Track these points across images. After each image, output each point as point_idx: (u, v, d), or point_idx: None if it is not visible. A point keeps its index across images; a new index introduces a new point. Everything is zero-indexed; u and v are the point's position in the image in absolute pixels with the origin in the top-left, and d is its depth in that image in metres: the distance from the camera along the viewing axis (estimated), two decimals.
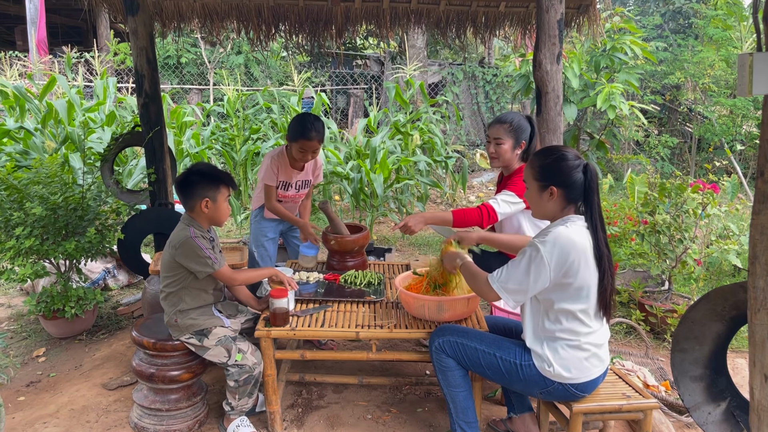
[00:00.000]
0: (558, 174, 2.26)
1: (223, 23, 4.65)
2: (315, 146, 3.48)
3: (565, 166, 2.24)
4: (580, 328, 2.25)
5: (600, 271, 2.22)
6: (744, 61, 1.97)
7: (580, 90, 5.52)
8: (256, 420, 2.91)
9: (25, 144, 5.97)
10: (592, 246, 2.21)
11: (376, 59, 14.64)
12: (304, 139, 3.43)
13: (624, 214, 5.01)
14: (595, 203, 2.25)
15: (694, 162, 10.02)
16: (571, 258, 2.16)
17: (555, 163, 2.26)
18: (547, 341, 2.29)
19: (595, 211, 2.25)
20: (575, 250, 2.16)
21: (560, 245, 2.16)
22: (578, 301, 2.22)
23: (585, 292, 2.21)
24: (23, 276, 3.59)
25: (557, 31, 3.35)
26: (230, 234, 6.68)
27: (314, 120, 3.45)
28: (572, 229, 2.20)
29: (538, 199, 2.33)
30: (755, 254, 2.04)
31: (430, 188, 8.30)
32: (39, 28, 9.66)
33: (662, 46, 10.10)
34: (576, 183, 2.24)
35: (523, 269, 2.22)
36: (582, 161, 2.27)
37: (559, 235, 2.18)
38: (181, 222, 2.79)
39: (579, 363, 2.26)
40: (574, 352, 2.26)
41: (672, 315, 3.88)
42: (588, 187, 2.24)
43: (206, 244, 2.72)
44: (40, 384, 3.36)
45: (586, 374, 2.28)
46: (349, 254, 3.47)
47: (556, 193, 2.26)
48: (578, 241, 2.18)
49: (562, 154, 2.28)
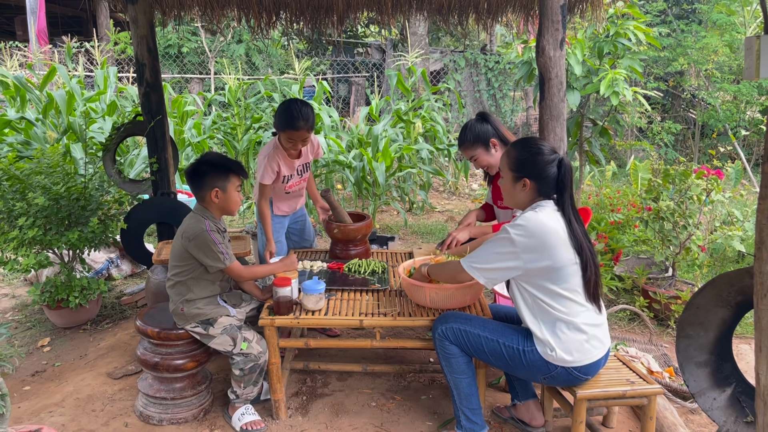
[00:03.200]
0: (533, 167, 2.32)
1: (224, 11, 4.61)
2: (304, 135, 3.25)
3: (541, 160, 2.31)
4: (573, 308, 2.28)
5: (582, 262, 2.26)
6: (751, 44, 1.95)
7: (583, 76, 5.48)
8: (260, 408, 2.92)
9: (26, 134, 5.95)
10: (565, 228, 2.25)
11: (378, 47, 14.57)
12: (291, 130, 3.21)
13: (627, 201, 5.00)
14: (567, 196, 2.30)
15: (698, 148, 9.98)
16: (544, 240, 2.21)
17: (531, 156, 2.33)
18: (545, 324, 2.31)
19: (567, 204, 2.30)
20: (545, 232, 2.21)
21: (529, 228, 2.22)
22: (563, 281, 2.26)
23: (567, 270, 2.25)
24: (27, 266, 3.60)
25: (560, 16, 3.31)
26: (232, 223, 6.68)
27: (301, 106, 3.21)
28: (541, 214, 2.26)
29: (512, 188, 2.40)
30: (761, 239, 2.03)
31: (433, 176, 8.28)
32: (39, 18, 9.63)
33: (665, 32, 10.01)
34: (549, 177, 2.30)
35: (491, 251, 2.31)
36: (557, 156, 2.32)
37: (528, 219, 2.25)
38: (194, 213, 2.78)
39: (580, 345, 2.28)
40: (573, 334, 2.27)
41: (676, 301, 3.88)
42: (560, 182, 2.30)
43: (219, 239, 2.72)
44: (45, 374, 3.37)
45: (588, 357, 2.30)
46: (352, 243, 3.46)
47: (528, 184, 2.33)
48: (548, 223, 2.23)
49: (539, 148, 2.33)
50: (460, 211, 7.60)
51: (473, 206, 7.62)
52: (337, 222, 3.45)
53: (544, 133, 3.52)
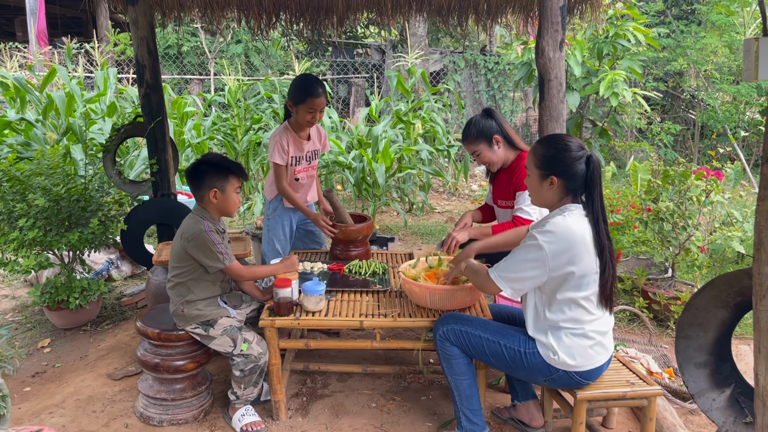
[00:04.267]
0: (560, 164, 2.25)
1: (224, 12, 4.61)
2: (323, 103, 3.37)
3: (568, 156, 2.23)
4: (584, 316, 2.25)
5: (601, 262, 2.22)
6: (750, 46, 1.95)
7: (582, 77, 5.49)
8: (261, 409, 2.92)
9: (26, 135, 5.96)
10: (591, 234, 2.20)
11: (377, 48, 14.57)
12: (312, 97, 3.31)
13: (627, 202, 5.00)
14: (597, 194, 2.24)
15: (697, 149, 9.98)
16: (571, 247, 2.16)
17: (558, 153, 2.26)
18: (551, 330, 2.29)
19: (597, 203, 2.24)
20: (574, 239, 2.16)
21: (558, 235, 2.17)
22: (581, 289, 2.22)
23: (587, 279, 2.21)
24: (27, 267, 3.60)
25: (560, 17, 3.32)
26: (232, 224, 6.69)
27: (314, 79, 3.37)
28: (570, 219, 2.21)
29: (538, 187, 2.33)
30: (761, 240, 2.03)
31: (432, 177, 8.29)
32: (38, 18, 9.63)
33: (665, 33, 10.02)
34: (577, 174, 2.23)
35: (521, 258, 2.24)
36: (585, 152, 2.25)
37: (556, 225, 2.19)
38: (193, 213, 2.78)
39: (584, 351, 2.27)
40: (578, 339, 2.26)
41: (675, 302, 3.88)
42: (589, 179, 2.23)
43: (218, 239, 2.72)
44: (46, 374, 3.37)
45: (590, 362, 2.29)
46: (353, 244, 3.46)
47: (556, 182, 2.26)
48: (577, 230, 2.18)
49: (566, 144, 2.27)
50: (460, 211, 7.61)
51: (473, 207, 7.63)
52: (338, 222, 3.46)
53: (544, 134, 3.53)
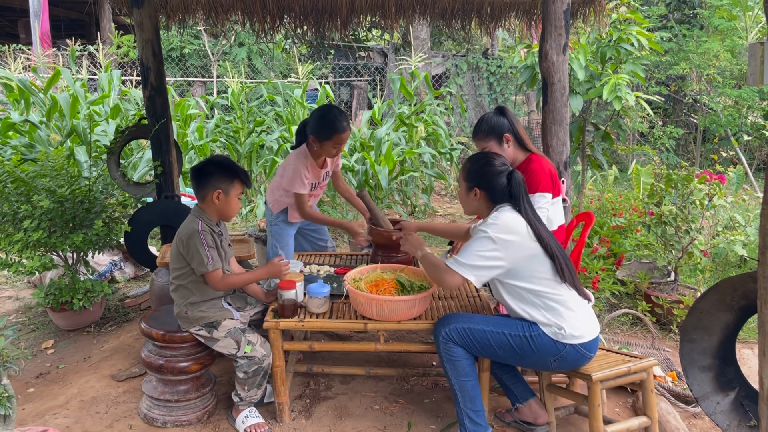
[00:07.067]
0: (481, 177, 2.52)
1: (228, 15, 4.63)
2: (348, 136, 3.42)
3: (489, 171, 2.51)
4: (559, 288, 2.42)
5: (548, 254, 2.40)
6: (755, 50, 1.96)
7: (585, 81, 5.48)
8: (264, 411, 2.92)
9: (30, 137, 5.97)
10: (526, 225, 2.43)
11: (380, 51, 14.59)
12: (339, 133, 3.34)
13: (630, 205, 5.00)
14: (524, 203, 2.47)
15: (699, 153, 9.98)
16: (516, 231, 2.39)
17: (481, 168, 2.54)
18: (545, 309, 2.42)
19: (527, 210, 2.46)
20: (515, 225, 2.41)
21: (501, 224, 2.41)
22: (541, 264, 2.41)
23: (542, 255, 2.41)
24: (31, 268, 3.61)
25: (563, 21, 3.33)
26: (235, 226, 6.69)
27: (337, 112, 3.40)
28: (505, 213, 2.46)
29: (465, 197, 2.61)
30: (765, 244, 2.04)
31: (435, 180, 8.29)
32: (42, 20, 9.67)
33: (667, 37, 10.02)
34: (498, 187, 2.49)
35: (474, 249, 2.42)
36: (507, 168, 2.52)
37: (497, 218, 2.45)
38: (191, 214, 2.80)
39: (581, 322, 2.42)
40: (571, 312, 2.41)
41: (678, 306, 3.88)
42: (511, 193, 2.48)
43: (209, 241, 2.71)
44: (50, 375, 3.38)
45: (590, 331, 2.44)
46: (395, 249, 3.28)
47: (479, 193, 2.53)
48: (514, 218, 2.43)
49: (488, 160, 2.54)
50: (462, 215, 7.61)
51: None
52: (374, 225, 3.37)
53: (547, 137, 3.54)
